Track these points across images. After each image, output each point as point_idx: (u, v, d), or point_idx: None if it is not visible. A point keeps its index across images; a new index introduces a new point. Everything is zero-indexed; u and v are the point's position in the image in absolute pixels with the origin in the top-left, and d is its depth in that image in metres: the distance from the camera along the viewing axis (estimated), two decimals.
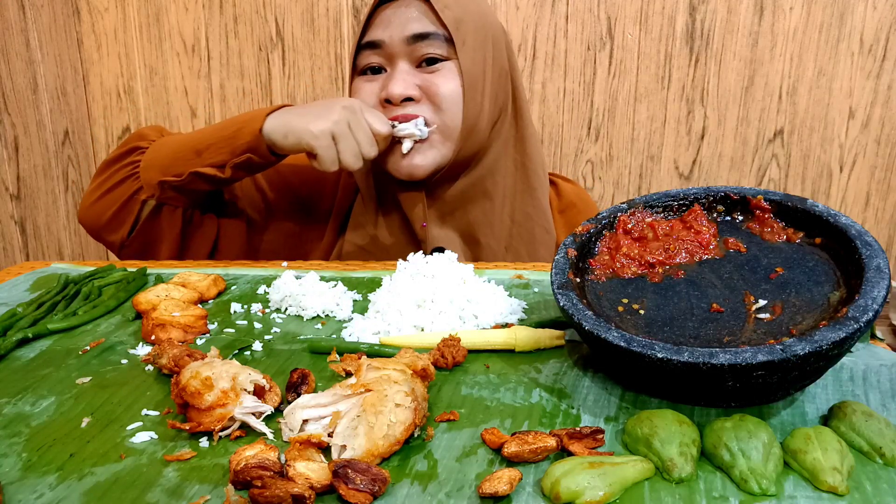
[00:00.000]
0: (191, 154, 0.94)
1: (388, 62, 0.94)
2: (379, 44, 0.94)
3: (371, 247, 1.02)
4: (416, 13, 0.92)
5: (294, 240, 1.09)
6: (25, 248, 1.73)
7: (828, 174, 1.72)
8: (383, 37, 0.93)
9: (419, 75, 0.93)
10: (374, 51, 0.95)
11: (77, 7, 1.79)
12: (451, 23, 0.92)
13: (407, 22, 0.92)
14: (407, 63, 0.93)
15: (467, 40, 0.93)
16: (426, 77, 0.93)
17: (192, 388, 0.53)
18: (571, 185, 1.12)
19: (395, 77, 0.93)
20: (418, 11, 0.93)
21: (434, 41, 0.92)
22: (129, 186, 0.96)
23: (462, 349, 0.64)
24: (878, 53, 1.62)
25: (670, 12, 1.63)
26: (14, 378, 0.63)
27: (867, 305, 0.51)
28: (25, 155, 1.67)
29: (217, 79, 1.80)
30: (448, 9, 0.92)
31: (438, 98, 0.93)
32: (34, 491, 0.47)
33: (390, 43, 0.93)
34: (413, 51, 0.92)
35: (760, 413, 0.54)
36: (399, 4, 0.94)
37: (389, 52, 0.93)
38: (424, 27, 0.92)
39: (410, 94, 0.92)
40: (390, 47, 0.93)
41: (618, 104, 1.71)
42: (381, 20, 0.94)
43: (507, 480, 0.45)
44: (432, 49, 0.92)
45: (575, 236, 0.68)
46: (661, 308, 0.61)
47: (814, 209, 0.63)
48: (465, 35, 0.93)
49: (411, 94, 0.92)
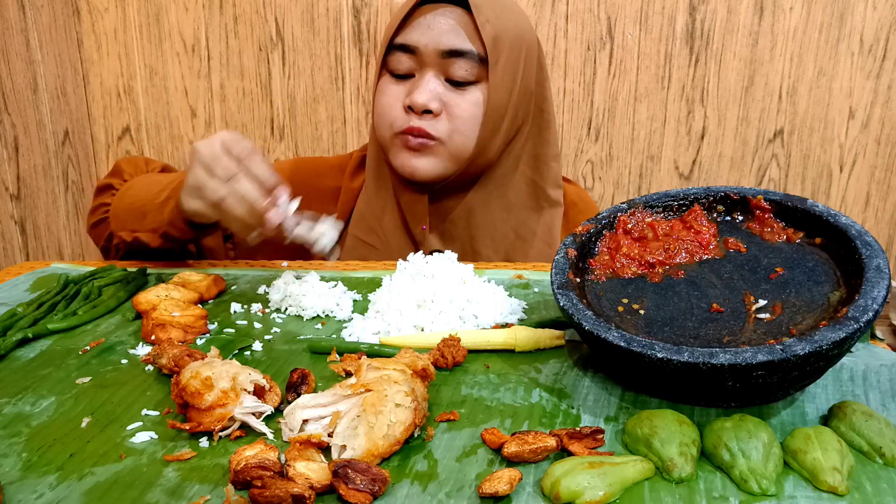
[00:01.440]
0: (138, 215, 0.90)
1: (419, 68, 0.92)
2: (413, 49, 0.91)
3: (373, 240, 1.02)
4: (454, 23, 0.90)
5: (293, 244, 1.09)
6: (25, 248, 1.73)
7: (828, 174, 1.72)
8: (418, 43, 0.91)
9: (445, 90, 0.92)
10: (406, 55, 0.92)
11: (77, 7, 1.79)
12: (489, 40, 0.89)
13: (444, 33, 0.90)
14: (436, 73, 0.91)
15: (500, 59, 0.91)
16: (451, 95, 0.92)
17: (192, 388, 0.53)
18: (572, 186, 1.12)
19: (421, 87, 0.91)
20: (457, 22, 0.90)
21: (467, 61, 0.90)
22: (106, 227, 0.97)
23: (462, 349, 0.64)
24: (878, 53, 1.62)
25: (670, 12, 1.63)
26: (14, 378, 0.63)
27: (867, 305, 0.51)
28: (25, 155, 1.67)
29: (217, 79, 1.80)
30: (489, 23, 0.90)
31: (457, 120, 0.91)
32: (34, 491, 0.47)
33: (424, 52, 0.91)
34: (445, 64, 0.91)
35: (760, 413, 0.54)
36: (439, 10, 0.91)
37: (422, 59, 0.91)
38: (460, 43, 0.90)
39: (431, 108, 0.90)
40: (423, 56, 0.91)
41: (618, 104, 1.71)
42: (419, 24, 0.91)
43: (507, 480, 0.45)
44: (463, 69, 0.90)
45: (575, 236, 0.68)
46: (661, 308, 0.61)
47: (814, 209, 0.63)
48: (499, 53, 0.91)
49: (433, 107, 0.90)
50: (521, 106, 0.96)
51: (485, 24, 0.89)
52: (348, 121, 1.80)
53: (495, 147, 0.95)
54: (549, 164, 1.01)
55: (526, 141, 1.00)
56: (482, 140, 0.93)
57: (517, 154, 0.99)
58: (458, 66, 0.90)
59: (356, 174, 1.08)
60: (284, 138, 1.82)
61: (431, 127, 0.91)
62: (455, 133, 0.92)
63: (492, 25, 0.90)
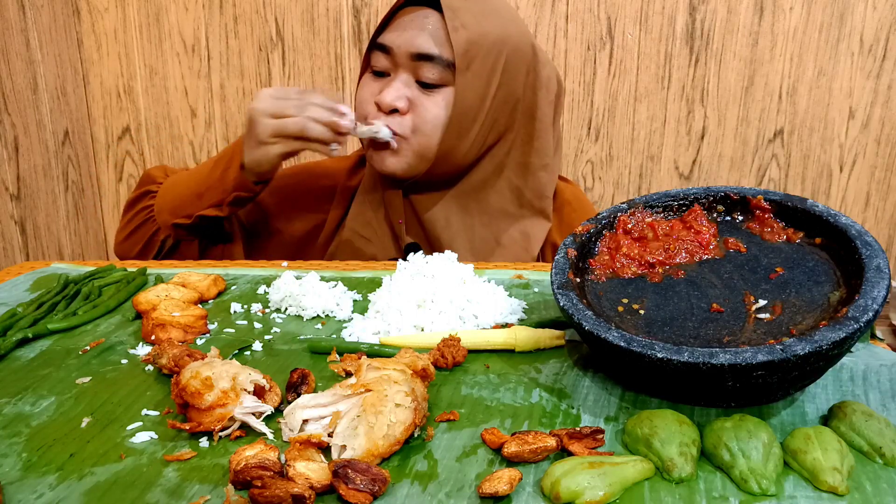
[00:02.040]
0: (193, 198, 1.00)
1: (393, 68, 0.95)
2: (388, 49, 0.94)
3: (368, 233, 1.03)
4: (429, 27, 0.92)
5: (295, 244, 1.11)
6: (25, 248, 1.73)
7: (828, 174, 1.72)
8: (392, 44, 0.93)
9: (414, 90, 0.94)
10: (383, 54, 0.95)
11: (77, 7, 1.79)
12: (460, 45, 0.91)
13: (416, 36, 0.92)
14: (408, 75, 0.94)
15: (473, 65, 0.92)
16: (418, 95, 0.94)
17: (192, 388, 0.53)
18: (568, 185, 1.11)
19: (391, 86, 0.94)
20: (433, 25, 0.92)
21: (435, 65, 0.92)
22: (149, 228, 1.04)
23: (462, 349, 0.64)
24: (878, 53, 1.62)
25: (670, 12, 1.63)
26: (14, 378, 0.63)
27: (867, 305, 0.51)
28: (25, 155, 1.67)
29: (217, 79, 1.80)
30: (464, 28, 0.91)
31: (420, 120, 0.94)
32: (34, 491, 0.47)
33: (398, 53, 0.93)
34: (415, 66, 0.93)
35: (760, 413, 0.54)
36: (418, 13, 0.93)
37: (395, 60, 0.94)
38: (429, 47, 0.91)
39: (397, 106, 0.93)
40: (397, 56, 0.93)
41: (618, 104, 1.71)
42: (398, 24, 0.94)
43: (507, 480, 0.45)
44: (432, 73, 0.92)
45: (575, 236, 0.68)
46: (661, 308, 0.61)
47: (814, 209, 0.63)
48: (470, 59, 0.92)
49: (399, 105, 0.93)
50: (502, 112, 0.97)
51: (458, 29, 0.91)
52: None
53: (464, 150, 0.96)
54: (537, 174, 1.01)
55: (511, 148, 1.00)
56: (446, 141, 0.94)
57: (500, 160, 1.00)
58: (427, 69, 0.92)
59: (354, 173, 1.10)
60: None
61: (396, 124, 0.94)
62: (418, 132, 0.94)
63: (467, 31, 0.91)
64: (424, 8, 0.94)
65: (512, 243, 1.01)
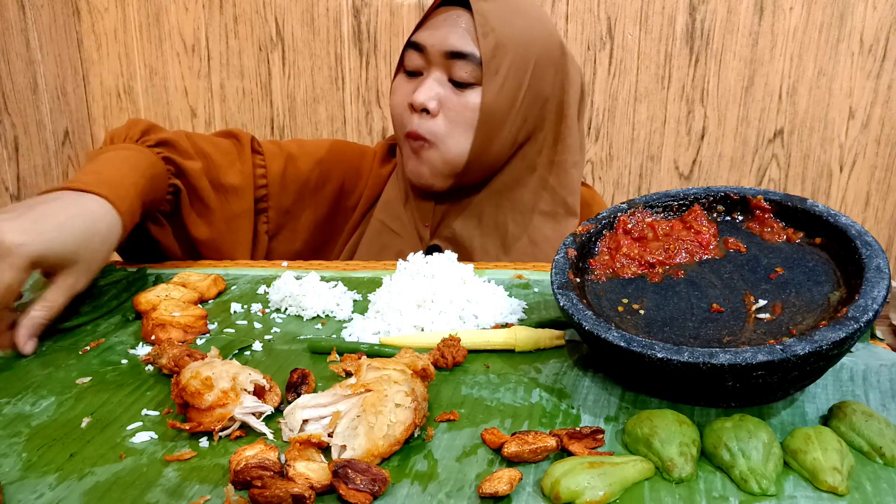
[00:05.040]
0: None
1: (426, 67, 0.95)
2: (421, 47, 0.94)
3: (397, 227, 1.03)
4: (462, 25, 0.92)
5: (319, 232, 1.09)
6: None
7: (828, 174, 1.72)
8: (426, 42, 0.93)
9: (447, 90, 0.93)
10: (417, 53, 0.95)
11: (77, 7, 1.79)
12: (488, 48, 0.91)
13: (449, 34, 0.92)
14: (441, 73, 0.94)
15: (501, 68, 0.92)
16: (451, 96, 0.93)
17: (192, 388, 0.53)
18: (585, 188, 1.12)
19: (423, 85, 0.93)
20: (465, 24, 0.92)
21: (468, 63, 0.91)
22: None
23: (462, 349, 0.64)
24: (878, 53, 1.62)
25: (670, 12, 1.63)
26: (14, 378, 0.63)
27: (867, 305, 0.51)
28: (25, 155, 1.67)
29: (217, 79, 1.80)
30: (493, 31, 0.91)
31: (451, 122, 0.93)
32: (34, 491, 0.47)
33: (431, 51, 0.93)
34: (449, 65, 0.93)
35: (760, 413, 0.54)
36: (453, 12, 0.94)
37: (429, 58, 0.94)
38: (463, 45, 0.91)
39: (429, 107, 0.92)
40: (430, 55, 0.93)
41: (618, 104, 1.71)
42: (431, 24, 0.95)
43: (507, 480, 0.45)
44: (464, 71, 0.92)
45: (575, 236, 0.68)
46: (661, 308, 0.61)
47: (814, 209, 0.63)
48: (499, 62, 0.92)
49: (430, 106, 0.92)
50: (532, 111, 0.97)
51: (487, 34, 0.91)
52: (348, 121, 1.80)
53: (495, 150, 0.96)
54: (569, 171, 1.01)
55: (543, 146, 1.00)
56: (477, 142, 0.94)
57: (531, 159, 1.00)
58: (460, 67, 0.92)
59: (385, 162, 1.10)
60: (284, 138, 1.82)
61: (426, 128, 0.93)
62: (448, 136, 0.93)
63: (495, 34, 0.91)
64: (458, 8, 0.94)
65: (545, 242, 1.01)
